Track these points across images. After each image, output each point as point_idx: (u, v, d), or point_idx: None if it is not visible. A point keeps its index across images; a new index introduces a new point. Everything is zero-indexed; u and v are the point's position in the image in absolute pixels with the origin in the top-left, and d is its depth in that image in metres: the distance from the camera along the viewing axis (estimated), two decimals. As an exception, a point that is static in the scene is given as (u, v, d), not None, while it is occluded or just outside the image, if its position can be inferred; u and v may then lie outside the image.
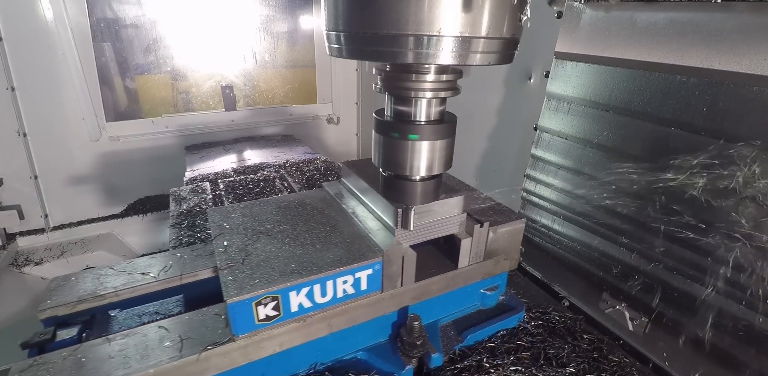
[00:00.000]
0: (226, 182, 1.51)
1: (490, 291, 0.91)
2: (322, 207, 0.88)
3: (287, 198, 0.93)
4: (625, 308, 0.99)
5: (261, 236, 0.77)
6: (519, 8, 0.53)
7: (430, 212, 0.74)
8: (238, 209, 0.88)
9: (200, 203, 1.35)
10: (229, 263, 0.68)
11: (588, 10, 0.97)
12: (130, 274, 0.80)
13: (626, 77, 0.91)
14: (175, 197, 1.41)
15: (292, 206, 0.89)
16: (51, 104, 1.89)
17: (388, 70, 0.63)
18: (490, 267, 0.86)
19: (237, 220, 0.83)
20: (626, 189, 0.94)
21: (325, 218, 0.84)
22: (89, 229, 2.09)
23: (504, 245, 0.87)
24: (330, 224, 0.81)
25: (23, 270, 1.85)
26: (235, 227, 0.80)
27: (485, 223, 0.79)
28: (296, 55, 2.45)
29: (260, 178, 1.55)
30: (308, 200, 0.91)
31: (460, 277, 0.83)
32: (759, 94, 0.70)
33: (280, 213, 0.86)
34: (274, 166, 1.76)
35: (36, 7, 1.75)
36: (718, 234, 0.79)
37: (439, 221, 0.76)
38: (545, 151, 1.14)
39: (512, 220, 0.87)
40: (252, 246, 0.73)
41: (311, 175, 1.61)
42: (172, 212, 1.28)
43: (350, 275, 0.69)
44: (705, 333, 0.83)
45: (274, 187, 1.48)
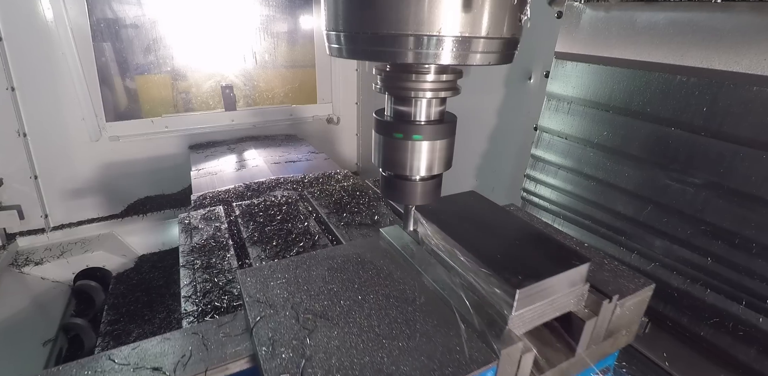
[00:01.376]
0: (243, 207, 1.31)
1: (603, 374, 0.73)
2: (389, 269, 0.69)
3: (339, 253, 0.74)
4: (625, 308, 0.99)
5: (318, 323, 0.57)
6: (519, 8, 0.53)
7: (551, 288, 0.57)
8: (277, 271, 0.68)
9: (215, 234, 1.14)
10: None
11: (588, 10, 0.97)
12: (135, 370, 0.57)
13: (626, 77, 0.91)
14: (184, 225, 1.19)
15: (349, 265, 0.70)
16: (51, 104, 1.89)
17: (388, 70, 0.63)
18: (607, 347, 0.68)
19: (279, 290, 0.64)
20: (626, 189, 0.94)
21: (396, 286, 0.64)
22: (89, 229, 2.09)
23: (628, 318, 0.68)
24: (407, 299, 0.61)
25: (23, 270, 1.85)
26: (278, 303, 0.61)
27: (614, 297, 0.61)
28: (296, 55, 2.45)
29: (281, 202, 1.34)
30: (368, 255, 0.72)
31: (576, 365, 0.64)
32: (759, 94, 0.71)
33: (336, 278, 0.66)
34: (291, 183, 1.59)
35: (36, 7, 1.75)
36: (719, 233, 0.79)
37: (559, 296, 0.58)
38: (545, 151, 1.14)
39: (639, 287, 0.67)
40: (309, 342, 0.54)
41: (339, 197, 1.36)
42: (182, 247, 1.08)
43: None
44: (705, 333, 0.83)
45: (298, 213, 1.26)
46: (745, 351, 0.77)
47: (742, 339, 0.77)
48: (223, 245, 1.09)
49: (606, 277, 0.68)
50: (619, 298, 0.63)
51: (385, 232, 0.77)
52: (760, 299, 0.74)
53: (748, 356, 0.77)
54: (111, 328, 1.61)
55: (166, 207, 2.18)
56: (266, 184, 1.58)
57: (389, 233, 0.77)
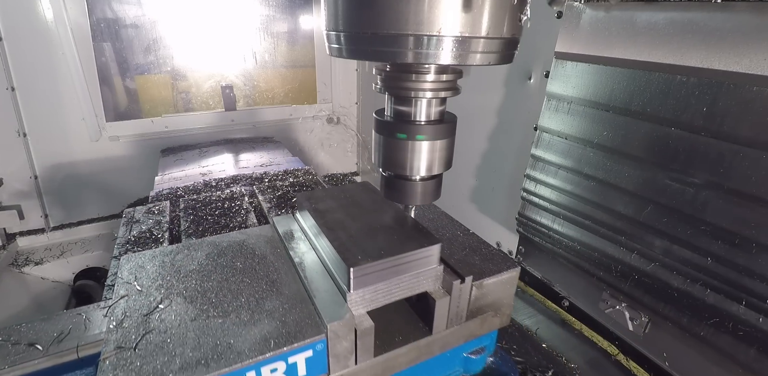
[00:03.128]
0: (187, 201, 1.33)
1: (475, 355, 0.75)
2: (265, 253, 0.72)
3: (226, 239, 0.77)
4: (625, 308, 0.99)
5: (175, 299, 0.60)
6: (519, 8, 0.53)
7: (394, 268, 0.59)
8: (159, 256, 0.71)
9: (153, 227, 1.16)
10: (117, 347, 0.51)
11: (588, 10, 0.97)
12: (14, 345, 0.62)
13: (626, 77, 0.91)
14: (127, 219, 1.21)
15: (229, 250, 0.73)
16: (51, 104, 1.89)
17: (388, 70, 0.63)
18: (475, 328, 0.70)
19: (153, 273, 0.67)
20: (626, 189, 0.94)
21: (265, 269, 0.68)
22: (89, 229, 2.09)
23: (493, 299, 0.71)
24: (269, 280, 0.65)
25: (23, 270, 1.85)
26: (147, 284, 0.64)
27: (467, 277, 0.64)
28: (296, 55, 2.45)
29: (226, 197, 1.37)
30: (251, 241, 0.76)
31: (435, 344, 0.67)
32: (759, 94, 0.71)
33: (212, 262, 0.70)
34: (249, 179, 1.61)
35: (36, 7, 1.75)
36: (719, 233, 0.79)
37: (406, 277, 0.61)
38: (545, 151, 1.14)
39: (504, 269, 0.70)
40: (158, 317, 0.57)
41: (284, 192, 1.41)
42: (118, 239, 1.09)
43: (281, 361, 0.53)
44: (705, 333, 0.83)
45: (240, 207, 1.29)
46: (745, 351, 0.77)
47: (742, 339, 0.77)
48: (157, 238, 1.10)
49: (474, 260, 0.71)
50: (476, 279, 0.66)
51: (275, 220, 0.81)
52: (760, 299, 0.74)
53: (748, 356, 0.77)
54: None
55: (166, 207, 2.18)
56: (225, 181, 1.61)
57: (278, 222, 0.80)
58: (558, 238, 1.14)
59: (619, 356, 1.02)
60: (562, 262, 1.15)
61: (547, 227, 1.17)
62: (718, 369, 0.83)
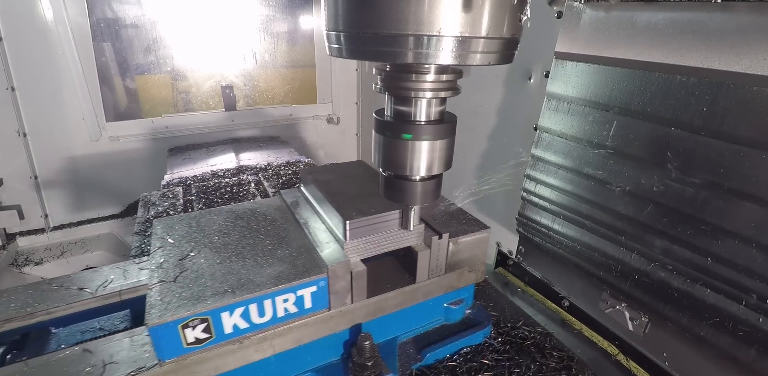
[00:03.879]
0: (198, 187, 1.45)
1: (455, 305, 0.86)
2: (274, 217, 0.84)
3: (241, 207, 0.88)
4: (625, 308, 0.99)
5: (203, 250, 0.72)
6: (519, 8, 0.53)
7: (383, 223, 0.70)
8: (185, 219, 0.83)
9: (169, 208, 1.29)
10: (160, 281, 0.63)
11: (588, 10, 0.97)
12: (67, 289, 0.75)
13: (626, 77, 0.91)
14: (144, 201, 1.34)
15: (244, 215, 0.84)
16: (51, 104, 1.89)
17: (388, 70, 0.63)
18: (453, 280, 0.82)
19: (182, 231, 0.78)
20: (626, 189, 0.94)
21: (275, 229, 0.79)
22: (89, 229, 2.09)
23: (468, 256, 0.83)
24: (279, 236, 0.76)
25: (23, 270, 1.85)
26: (178, 239, 0.75)
27: (444, 234, 0.76)
28: (296, 55, 2.45)
29: (234, 183, 1.49)
30: (262, 208, 0.87)
31: (419, 291, 0.79)
32: (759, 94, 0.70)
33: (230, 224, 0.81)
34: (254, 169, 1.72)
35: (36, 7, 1.75)
36: (719, 233, 0.79)
37: (393, 232, 0.72)
38: (545, 151, 1.14)
39: (476, 230, 0.82)
40: (190, 261, 0.68)
41: (288, 179, 1.54)
42: (138, 219, 1.22)
43: (291, 293, 0.64)
44: (705, 333, 0.83)
45: (247, 192, 1.41)
46: (745, 351, 0.77)
47: (742, 339, 0.77)
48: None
49: (452, 223, 0.84)
50: (452, 237, 0.79)
51: (284, 192, 0.93)
52: (760, 299, 0.74)
53: (748, 356, 0.77)
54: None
55: (166, 207, 2.18)
56: (231, 171, 1.72)
57: (285, 193, 0.93)
58: (558, 238, 1.14)
59: (619, 356, 1.02)
60: (562, 262, 1.15)
61: (547, 227, 1.17)
62: (718, 369, 0.83)
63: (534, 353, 0.86)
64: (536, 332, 0.92)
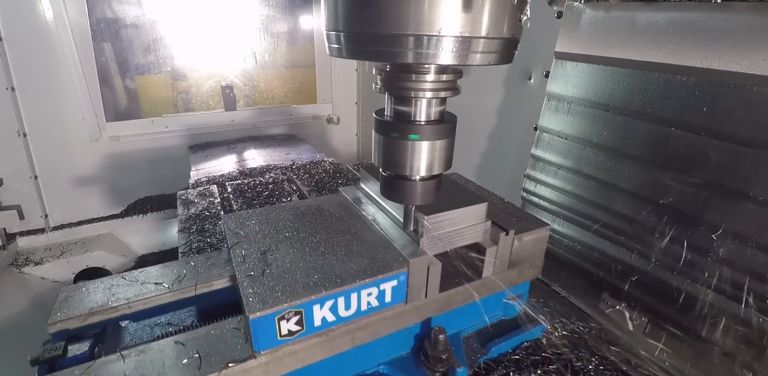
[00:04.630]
0: (234, 185, 1.48)
1: (513, 301, 0.88)
2: (340, 214, 0.85)
3: (304, 204, 0.90)
4: (625, 308, 0.99)
5: (280, 245, 0.74)
6: (519, 8, 0.53)
7: (455, 219, 0.72)
8: (253, 215, 0.85)
9: (208, 206, 1.32)
10: (248, 275, 0.65)
11: (588, 10, 0.97)
12: (143, 284, 0.76)
13: (626, 77, 0.91)
14: (182, 200, 1.37)
15: (310, 212, 0.86)
16: (51, 104, 1.89)
17: (388, 70, 0.63)
18: (514, 276, 0.83)
19: (253, 227, 0.80)
20: (626, 189, 0.94)
21: (344, 225, 0.81)
22: (89, 229, 2.09)
23: (528, 253, 0.84)
24: (350, 232, 0.78)
25: (23, 270, 1.85)
26: (251, 234, 0.77)
27: (511, 231, 0.77)
28: (296, 55, 2.45)
29: (268, 181, 1.52)
30: (326, 205, 0.88)
31: (484, 287, 0.80)
32: (759, 94, 0.70)
33: (298, 220, 0.83)
34: (280, 168, 1.73)
35: (36, 7, 1.75)
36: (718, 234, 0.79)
37: (463, 228, 0.74)
38: (545, 151, 1.14)
39: (537, 227, 0.84)
40: (271, 256, 0.70)
41: (320, 177, 1.57)
42: (180, 216, 1.25)
43: (375, 287, 0.66)
44: (705, 333, 0.83)
45: (283, 190, 1.44)
46: (745, 351, 0.77)
47: (742, 339, 0.77)
48: (214, 214, 1.26)
49: (512, 220, 0.86)
50: (516, 233, 0.79)
51: (342, 190, 0.93)
52: (760, 299, 0.74)
53: (748, 356, 0.77)
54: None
55: (166, 207, 2.18)
56: (258, 170, 1.73)
57: (346, 190, 0.93)
58: (558, 238, 1.14)
59: (619, 356, 1.02)
60: (562, 262, 1.15)
61: (547, 227, 1.17)
62: (718, 369, 0.83)
63: (592, 347, 0.87)
64: (590, 327, 0.94)
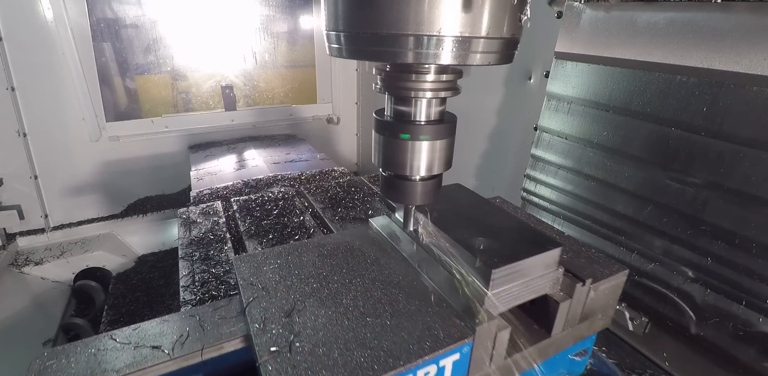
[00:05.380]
0: (240, 202, 1.34)
1: (579, 357, 0.76)
2: (376, 255, 0.72)
3: (330, 241, 0.77)
4: (625, 308, 0.99)
5: (307, 301, 0.61)
6: (519, 8, 0.53)
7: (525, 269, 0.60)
8: (270, 257, 0.72)
9: (213, 228, 1.17)
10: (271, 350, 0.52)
11: (588, 10, 0.97)
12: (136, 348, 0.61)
13: (626, 77, 0.91)
14: (183, 220, 1.22)
15: (338, 252, 0.73)
16: (51, 104, 1.89)
17: (388, 70, 0.63)
18: (584, 330, 0.71)
19: (271, 275, 0.67)
20: (626, 189, 0.94)
21: (382, 271, 0.68)
22: (89, 229, 2.09)
23: (602, 302, 0.71)
24: (392, 283, 0.65)
25: (23, 270, 1.85)
26: (270, 285, 0.64)
27: (587, 280, 0.64)
28: (296, 55, 2.45)
29: (278, 197, 1.37)
30: (356, 243, 0.76)
31: (552, 346, 0.67)
32: (759, 94, 0.70)
33: (326, 264, 0.70)
34: (288, 180, 1.61)
35: (36, 7, 1.75)
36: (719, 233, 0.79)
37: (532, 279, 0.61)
38: (545, 151, 1.14)
39: (613, 272, 0.70)
40: (298, 320, 0.57)
41: (335, 193, 1.39)
42: (181, 240, 1.11)
43: (433, 364, 0.53)
44: (705, 333, 0.83)
45: (294, 207, 1.30)
46: (745, 351, 0.77)
47: (742, 339, 0.77)
48: (220, 238, 1.11)
49: (582, 263, 0.71)
50: (593, 282, 0.66)
51: (373, 221, 0.80)
52: (760, 299, 0.74)
53: (748, 356, 0.77)
54: (111, 328, 1.61)
55: (166, 207, 2.18)
56: (264, 181, 1.60)
57: (377, 223, 0.80)
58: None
59: (619, 356, 1.02)
60: (562, 262, 1.15)
61: (547, 227, 1.17)
62: (718, 369, 0.83)
63: None
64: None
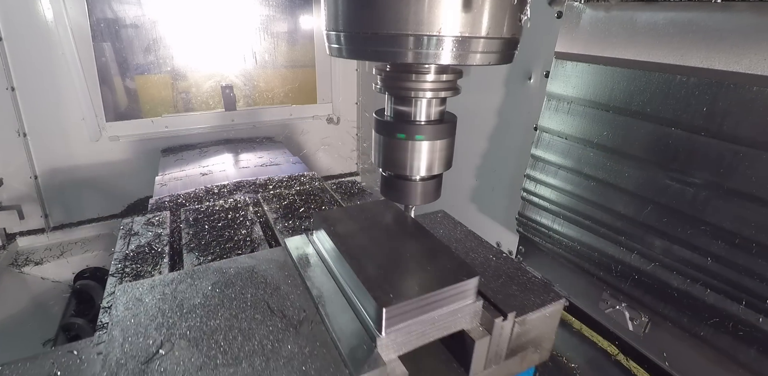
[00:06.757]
0: (189, 212, 1.26)
1: None
2: (278, 282, 0.65)
3: (234, 265, 0.70)
4: (625, 308, 0.99)
5: (177, 343, 0.53)
6: (519, 8, 0.53)
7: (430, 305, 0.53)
8: (158, 286, 0.64)
9: (153, 241, 1.07)
10: None
11: (588, 10, 0.97)
12: None
13: (626, 77, 0.91)
14: (125, 231, 1.12)
15: (238, 280, 0.66)
16: (51, 104, 1.89)
17: (388, 70, 0.63)
18: (513, 367, 0.63)
19: (151, 307, 0.59)
20: (626, 189, 0.94)
21: (279, 302, 0.61)
22: (89, 229, 2.09)
23: (535, 334, 0.63)
24: (285, 316, 0.58)
25: (23, 270, 1.85)
26: (145, 322, 0.57)
27: (510, 314, 0.57)
28: (296, 55, 2.45)
29: (230, 207, 1.29)
30: (262, 267, 0.69)
31: None
32: (759, 94, 0.70)
33: (219, 294, 0.62)
34: (253, 185, 1.55)
35: (36, 7, 1.75)
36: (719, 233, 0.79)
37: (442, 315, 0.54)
38: (545, 151, 1.14)
39: (548, 301, 0.62)
40: (158, 367, 0.49)
41: (291, 201, 1.31)
42: (116, 254, 1.01)
43: None
44: (705, 333, 0.83)
45: (245, 218, 1.21)
46: (745, 351, 0.77)
47: (742, 339, 0.77)
48: (158, 252, 1.03)
49: (513, 291, 0.64)
50: (519, 315, 0.59)
51: (288, 241, 0.74)
52: (760, 299, 0.74)
53: (748, 356, 0.77)
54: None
55: (166, 207, 2.18)
56: (228, 188, 1.53)
57: (292, 243, 0.74)
58: (558, 238, 1.14)
59: (619, 356, 1.02)
60: (562, 262, 1.15)
61: (547, 227, 1.17)
62: (718, 369, 0.83)
63: None
64: None
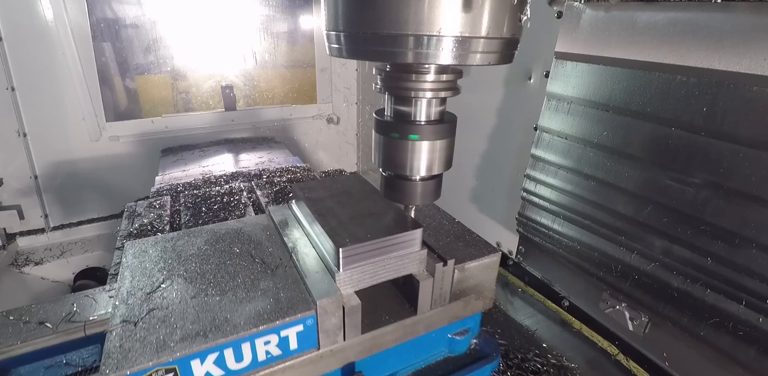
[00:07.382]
0: (188, 196, 1.35)
1: (460, 336, 0.79)
2: (260, 239, 0.76)
3: (224, 227, 0.81)
4: (625, 308, 0.99)
5: (177, 280, 0.64)
6: (519, 8, 0.53)
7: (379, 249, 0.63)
8: (160, 242, 0.75)
9: (154, 221, 1.18)
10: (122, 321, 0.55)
11: (588, 10, 0.97)
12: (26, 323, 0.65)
13: (626, 77, 0.91)
14: (129, 213, 1.24)
15: (227, 237, 0.77)
16: (51, 104, 1.89)
17: (388, 70, 0.63)
18: (458, 310, 0.74)
19: (155, 257, 0.71)
20: (626, 189, 0.94)
21: (261, 253, 0.72)
22: (89, 229, 2.09)
23: (476, 282, 0.75)
24: (264, 263, 0.69)
25: (23, 270, 1.85)
26: (150, 266, 0.68)
27: (449, 261, 0.68)
28: (296, 55, 2.45)
29: (225, 192, 1.39)
30: (248, 229, 0.80)
31: (420, 324, 0.71)
32: (759, 94, 0.70)
33: (210, 247, 0.73)
34: (247, 176, 1.63)
35: (36, 7, 1.75)
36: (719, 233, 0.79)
37: (391, 259, 0.64)
38: (545, 151, 1.14)
39: (485, 254, 0.74)
40: (160, 295, 0.61)
41: (282, 187, 1.42)
42: (120, 232, 1.12)
43: (274, 334, 0.57)
44: (705, 333, 0.83)
45: (239, 202, 1.31)
46: (745, 351, 0.77)
47: (742, 339, 0.77)
48: (159, 230, 1.13)
49: (458, 246, 0.76)
50: (458, 263, 0.70)
51: (272, 210, 0.86)
52: (760, 299, 0.74)
53: (748, 356, 0.77)
54: (111, 328, 1.60)
55: (166, 207, 2.18)
56: (224, 178, 1.63)
57: (274, 211, 0.85)
58: (558, 238, 1.14)
59: (619, 356, 1.02)
60: (562, 262, 1.15)
61: (547, 227, 1.17)
62: (718, 369, 0.83)
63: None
64: (549, 365, 0.86)
